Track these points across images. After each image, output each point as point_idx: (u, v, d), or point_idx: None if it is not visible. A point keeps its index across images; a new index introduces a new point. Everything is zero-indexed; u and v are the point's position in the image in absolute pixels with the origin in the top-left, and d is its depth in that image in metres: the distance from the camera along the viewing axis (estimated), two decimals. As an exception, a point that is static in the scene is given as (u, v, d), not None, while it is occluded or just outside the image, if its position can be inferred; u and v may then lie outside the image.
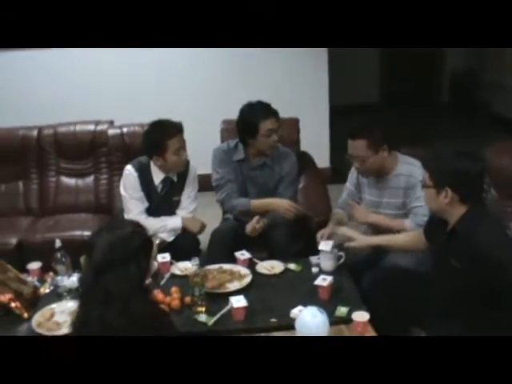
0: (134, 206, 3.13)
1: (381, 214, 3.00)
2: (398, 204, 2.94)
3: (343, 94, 6.51)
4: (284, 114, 3.33)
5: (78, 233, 3.50)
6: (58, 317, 2.48)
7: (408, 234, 2.74)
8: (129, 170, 3.15)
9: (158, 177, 3.15)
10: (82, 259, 2.79)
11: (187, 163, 3.20)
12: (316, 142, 4.75)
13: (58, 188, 3.92)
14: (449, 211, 2.26)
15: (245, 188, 3.33)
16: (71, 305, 2.54)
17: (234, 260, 2.95)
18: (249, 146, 3.24)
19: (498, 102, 7.27)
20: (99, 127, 3.92)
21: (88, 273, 1.88)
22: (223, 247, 3.14)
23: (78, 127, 3.94)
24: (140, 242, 1.93)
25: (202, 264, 2.80)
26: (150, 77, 4.89)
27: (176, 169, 3.12)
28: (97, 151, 3.92)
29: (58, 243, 2.69)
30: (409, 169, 2.90)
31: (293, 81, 5.13)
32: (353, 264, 2.92)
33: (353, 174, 3.16)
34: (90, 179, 3.94)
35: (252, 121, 3.13)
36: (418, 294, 2.58)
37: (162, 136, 3.00)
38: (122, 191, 3.19)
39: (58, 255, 2.68)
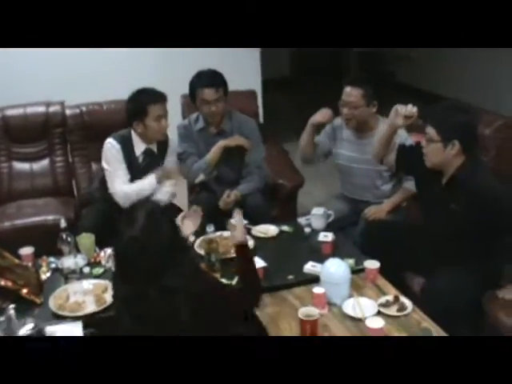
0: (117, 179, 3.09)
1: (357, 169, 3.19)
2: None
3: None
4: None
5: (48, 217, 3.39)
6: (74, 297, 2.42)
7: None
8: (111, 142, 3.10)
9: (139, 148, 3.12)
10: (79, 239, 2.75)
11: (167, 136, 3.19)
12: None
13: (11, 174, 3.72)
14: (451, 162, 2.47)
15: None
16: (85, 284, 2.50)
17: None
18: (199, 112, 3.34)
19: (405, 72, 7.78)
20: (52, 108, 3.76)
21: (132, 277, 1.79)
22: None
23: (29, 109, 3.75)
24: (171, 222, 1.90)
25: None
26: (95, 61, 4.69)
27: (156, 137, 3.11)
28: (51, 132, 3.76)
29: (63, 223, 2.60)
30: None
31: (225, 54, 5.13)
32: (336, 221, 3.09)
33: (331, 129, 3.30)
34: (45, 162, 3.78)
35: (191, 87, 3.27)
36: (408, 241, 2.80)
37: (143, 101, 3.01)
38: (104, 165, 3.14)
39: (64, 235, 2.60)
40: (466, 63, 6.63)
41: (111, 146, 3.10)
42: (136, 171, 3.14)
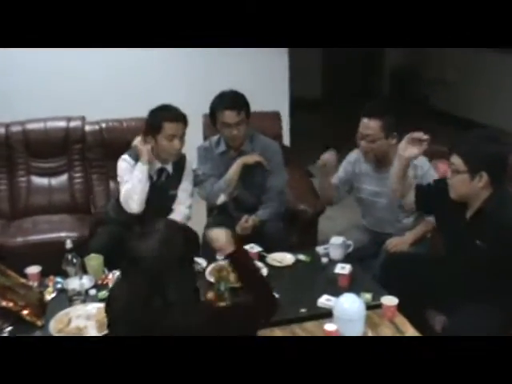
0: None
1: (379, 203, 3.04)
2: None
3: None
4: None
5: (62, 234, 3.31)
6: (76, 322, 2.33)
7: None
8: (125, 158, 3.05)
9: (153, 167, 3.05)
10: (87, 260, 2.67)
11: (183, 157, 3.11)
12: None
13: (29, 188, 3.69)
14: (478, 194, 2.32)
15: None
16: (88, 308, 2.41)
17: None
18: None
19: (439, 96, 7.56)
20: (72, 123, 3.73)
21: (138, 282, 1.72)
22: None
23: (49, 124, 3.72)
24: (185, 240, 1.82)
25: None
26: (118, 77, 4.67)
27: (166, 156, 3.03)
28: (70, 148, 3.73)
29: (68, 244, 2.53)
30: None
31: (254, 73, 5.08)
32: (356, 251, 2.95)
33: (349, 164, 3.16)
34: (63, 178, 3.74)
35: (212, 109, 3.16)
36: (430, 276, 2.64)
37: (161, 117, 2.94)
38: (118, 178, 3.08)
39: (69, 256, 2.52)
40: (500, 87, 6.44)
41: (125, 161, 3.04)
42: (151, 190, 3.05)
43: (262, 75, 5.12)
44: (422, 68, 7.85)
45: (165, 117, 2.93)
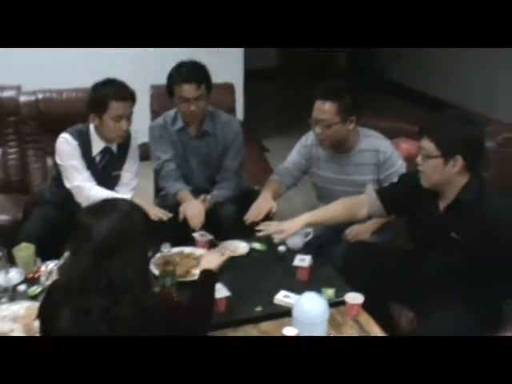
0: (77, 173, 2.72)
1: (336, 191, 2.80)
2: (360, 181, 2.71)
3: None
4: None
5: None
6: (0, 325, 2.04)
7: (341, 203, 2.55)
8: (66, 138, 2.73)
9: (97, 146, 2.76)
10: (16, 251, 2.39)
11: (127, 137, 2.80)
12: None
13: (-42, 165, 3.35)
14: (453, 181, 2.12)
15: (187, 160, 3.04)
16: (15, 308, 2.12)
17: (181, 243, 2.64)
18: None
19: (394, 70, 7.45)
20: (5, 93, 3.38)
21: (84, 260, 1.55)
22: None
23: (-21, 94, 3.36)
24: (142, 219, 1.67)
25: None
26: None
27: (110, 137, 2.74)
28: (4, 121, 3.39)
29: (-8, 234, 2.23)
30: (373, 143, 2.74)
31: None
32: (316, 239, 2.73)
33: (305, 147, 2.91)
34: (-4, 153, 3.41)
35: (169, 81, 2.88)
36: (396, 268, 2.45)
37: (107, 94, 2.63)
38: (58, 160, 2.77)
39: (-8, 248, 2.22)
40: (455, 61, 6.33)
41: (66, 141, 2.73)
42: (93, 173, 2.77)
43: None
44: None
45: (111, 95, 2.62)
